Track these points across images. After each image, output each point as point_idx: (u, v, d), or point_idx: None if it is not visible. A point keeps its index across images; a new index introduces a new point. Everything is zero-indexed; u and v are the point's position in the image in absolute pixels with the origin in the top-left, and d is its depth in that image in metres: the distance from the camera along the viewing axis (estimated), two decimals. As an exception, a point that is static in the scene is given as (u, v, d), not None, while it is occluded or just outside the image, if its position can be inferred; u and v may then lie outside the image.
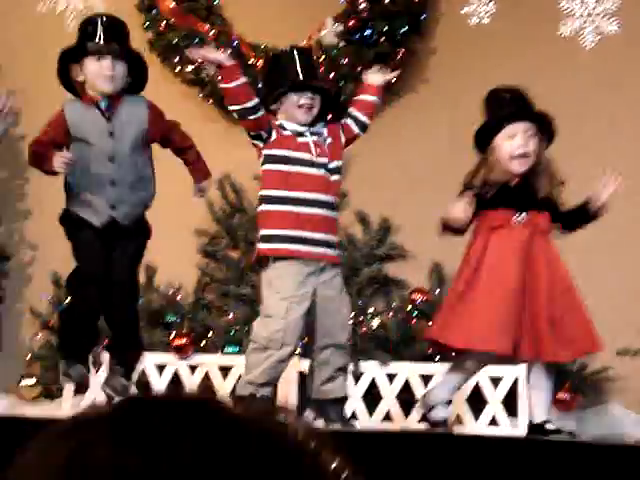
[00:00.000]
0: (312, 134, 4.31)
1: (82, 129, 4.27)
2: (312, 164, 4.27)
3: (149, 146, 4.36)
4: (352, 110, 4.41)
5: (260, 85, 5.12)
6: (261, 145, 4.28)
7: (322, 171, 4.29)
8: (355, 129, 4.40)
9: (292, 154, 4.26)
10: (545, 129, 4.16)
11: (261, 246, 4.28)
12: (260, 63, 5.92)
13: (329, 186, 4.30)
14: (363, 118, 4.40)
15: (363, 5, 5.85)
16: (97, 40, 4.22)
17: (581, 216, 4.22)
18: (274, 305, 4.18)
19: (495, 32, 5.80)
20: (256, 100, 4.19)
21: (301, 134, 4.29)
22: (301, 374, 4.98)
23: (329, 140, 4.34)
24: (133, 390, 4.47)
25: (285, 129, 4.28)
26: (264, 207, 4.30)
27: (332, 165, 4.32)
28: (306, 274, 4.20)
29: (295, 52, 4.38)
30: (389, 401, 5.48)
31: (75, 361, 4.33)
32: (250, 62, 5.99)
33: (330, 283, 4.26)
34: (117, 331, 4.37)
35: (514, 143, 4.08)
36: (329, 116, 4.48)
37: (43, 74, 6.11)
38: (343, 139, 4.38)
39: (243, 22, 6.14)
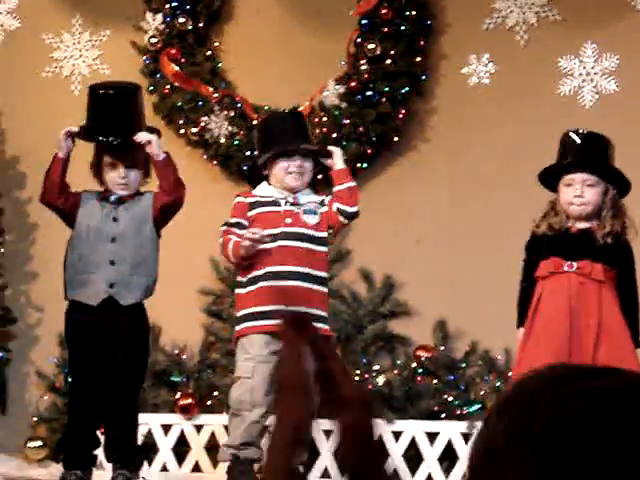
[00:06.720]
0: (289, 203, 4.27)
1: (86, 216, 4.36)
2: (281, 236, 4.23)
3: (156, 230, 4.39)
4: (335, 204, 4.34)
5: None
6: None
7: (295, 242, 4.24)
8: (341, 218, 4.34)
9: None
10: (613, 180, 4.20)
11: (236, 328, 4.31)
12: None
13: (305, 257, 4.23)
14: (345, 208, 4.32)
15: (364, 67, 5.92)
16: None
17: None
18: (241, 367, 4.19)
19: (494, 92, 5.86)
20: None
21: (276, 203, 4.27)
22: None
23: (323, 209, 4.31)
24: None
25: (256, 205, 4.26)
26: (236, 291, 4.35)
27: (316, 234, 4.28)
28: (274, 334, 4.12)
29: (285, 116, 4.36)
30: (396, 459, 5.47)
31: (74, 467, 4.32)
32: (254, 123, 6.06)
33: None
34: (116, 437, 4.32)
35: (570, 191, 4.19)
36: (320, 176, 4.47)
37: (47, 138, 6.18)
38: (329, 221, 4.33)
39: (246, 84, 6.21)
